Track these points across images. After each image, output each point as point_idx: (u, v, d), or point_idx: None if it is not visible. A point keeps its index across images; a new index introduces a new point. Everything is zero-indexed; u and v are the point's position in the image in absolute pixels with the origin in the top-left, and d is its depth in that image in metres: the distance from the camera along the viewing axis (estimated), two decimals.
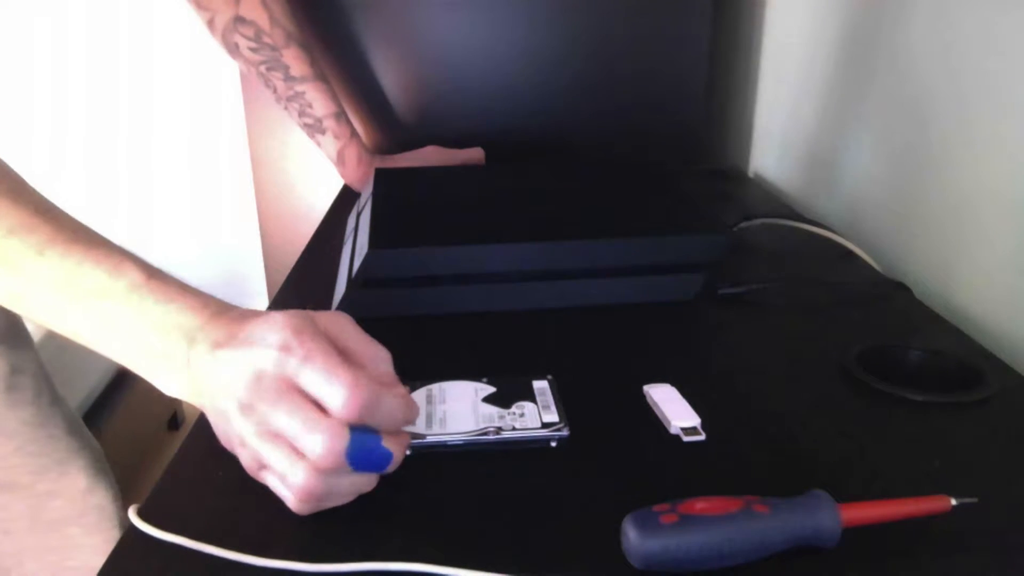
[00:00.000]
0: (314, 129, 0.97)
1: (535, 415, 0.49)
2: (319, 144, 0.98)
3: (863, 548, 0.39)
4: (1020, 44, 0.62)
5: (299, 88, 0.94)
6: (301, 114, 0.96)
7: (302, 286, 0.74)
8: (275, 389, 0.39)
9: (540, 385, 0.52)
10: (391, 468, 0.42)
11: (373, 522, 0.41)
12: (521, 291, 0.66)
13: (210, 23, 0.92)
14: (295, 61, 0.93)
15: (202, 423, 0.50)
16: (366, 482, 0.42)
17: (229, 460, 0.45)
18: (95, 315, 0.43)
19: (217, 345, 0.41)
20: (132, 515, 0.41)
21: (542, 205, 0.72)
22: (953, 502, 0.39)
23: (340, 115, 0.97)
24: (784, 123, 1.10)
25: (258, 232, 1.29)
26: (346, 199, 1.04)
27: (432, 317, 0.65)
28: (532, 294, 0.66)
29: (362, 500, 0.43)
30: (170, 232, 2.00)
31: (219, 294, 0.45)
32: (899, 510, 0.39)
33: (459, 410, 0.50)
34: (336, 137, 0.97)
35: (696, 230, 0.67)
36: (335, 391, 0.39)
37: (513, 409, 0.49)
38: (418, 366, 0.56)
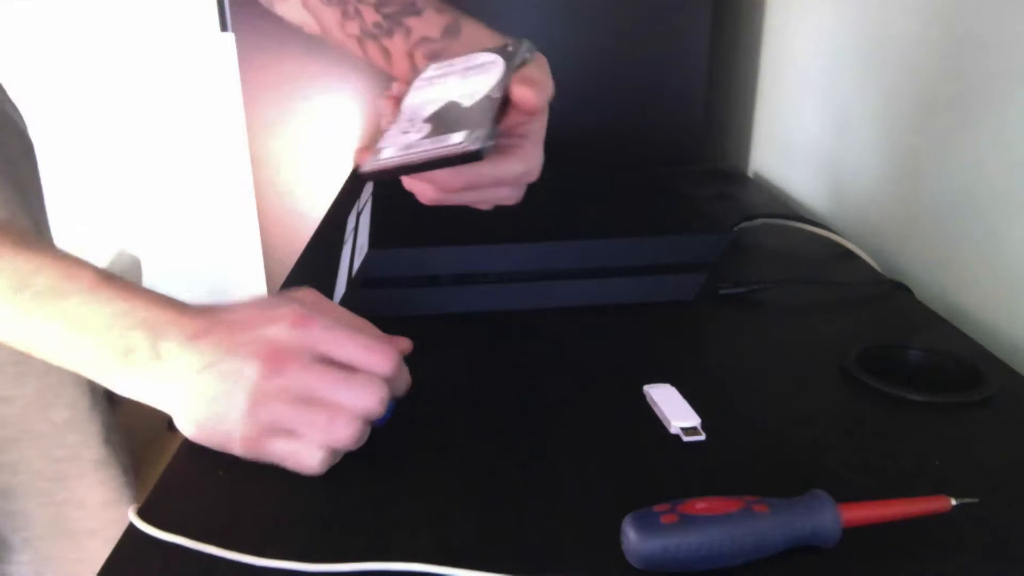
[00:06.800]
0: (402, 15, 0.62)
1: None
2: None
3: (863, 548, 0.39)
4: (1020, 44, 0.62)
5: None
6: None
7: (302, 286, 0.74)
8: (301, 358, 0.42)
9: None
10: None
11: (373, 522, 0.41)
12: (521, 291, 0.66)
13: None
14: None
15: None
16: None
17: (229, 460, 0.45)
18: (52, 317, 0.43)
19: (195, 336, 0.42)
20: (132, 515, 0.41)
21: (542, 205, 0.72)
22: (953, 502, 0.39)
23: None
24: (784, 123, 1.10)
25: (258, 232, 1.29)
26: (346, 199, 1.04)
27: (432, 317, 0.65)
28: (532, 294, 0.66)
29: (362, 500, 0.43)
30: (170, 233, 2.00)
31: (219, 294, 0.46)
32: (899, 510, 0.39)
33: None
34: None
35: (696, 230, 0.67)
36: (372, 353, 0.44)
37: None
38: (417, 366, 0.56)
